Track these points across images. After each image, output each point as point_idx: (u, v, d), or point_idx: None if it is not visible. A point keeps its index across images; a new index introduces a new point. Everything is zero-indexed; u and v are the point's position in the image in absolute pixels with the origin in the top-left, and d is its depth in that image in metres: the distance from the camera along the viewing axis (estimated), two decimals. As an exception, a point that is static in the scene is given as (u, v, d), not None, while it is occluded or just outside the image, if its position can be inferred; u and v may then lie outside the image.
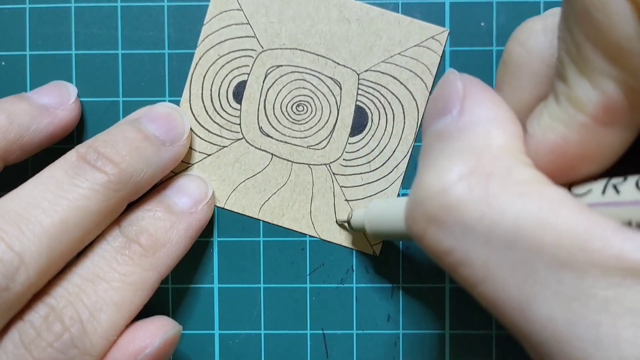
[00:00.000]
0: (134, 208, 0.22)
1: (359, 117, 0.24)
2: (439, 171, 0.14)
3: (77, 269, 0.20)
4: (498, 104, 0.15)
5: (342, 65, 0.24)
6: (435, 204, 0.14)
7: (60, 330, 0.19)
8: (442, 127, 0.15)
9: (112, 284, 0.20)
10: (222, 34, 0.24)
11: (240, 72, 0.24)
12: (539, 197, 0.13)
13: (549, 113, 0.14)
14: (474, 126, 0.14)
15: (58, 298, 0.19)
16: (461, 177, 0.13)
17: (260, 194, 0.24)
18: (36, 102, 0.22)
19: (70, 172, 0.20)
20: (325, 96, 0.24)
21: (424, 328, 0.24)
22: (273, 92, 0.24)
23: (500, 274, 0.13)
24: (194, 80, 0.24)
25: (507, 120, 0.14)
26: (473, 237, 0.13)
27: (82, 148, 0.20)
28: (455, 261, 0.14)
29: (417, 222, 0.14)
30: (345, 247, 0.24)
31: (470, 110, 0.14)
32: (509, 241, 0.13)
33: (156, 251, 0.21)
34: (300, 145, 0.24)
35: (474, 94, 0.15)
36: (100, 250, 0.21)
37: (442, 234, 0.14)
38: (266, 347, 0.24)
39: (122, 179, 0.20)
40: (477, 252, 0.13)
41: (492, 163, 0.13)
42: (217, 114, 0.24)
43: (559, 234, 0.12)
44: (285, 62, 0.24)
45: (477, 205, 0.13)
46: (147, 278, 0.21)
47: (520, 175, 0.13)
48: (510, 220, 0.13)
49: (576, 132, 0.14)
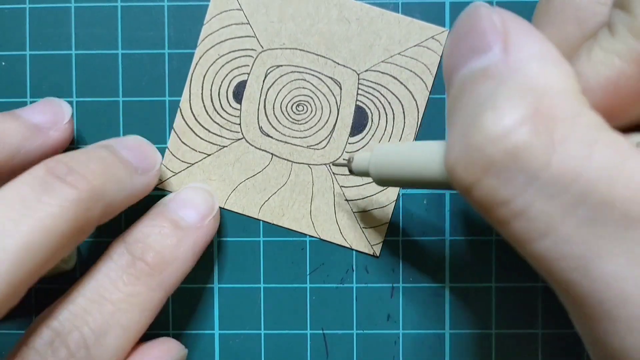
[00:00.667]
0: (138, 223, 0.21)
1: (359, 117, 0.24)
2: (497, 113, 0.12)
3: (82, 290, 0.19)
4: (544, 40, 0.13)
5: (342, 65, 0.24)
6: (496, 149, 0.12)
7: (66, 356, 0.18)
8: (484, 66, 0.13)
9: (118, 305, 0.19)
10: (222, 33, 0.24)
11: (240, 72, 0.24)
12: (608, 145, 0.12)
13: (602, 46, 0.13)
14: (527, 64, 0.13)
15: (63, 322, 0.19)
16: (524, 120, 0.12)
17: (260, 194, 0.24)
18: (28, 122, 0.21)
19: (38, 187, 0.18)
20: (325, 96, 0.24)
21: (423, 328, 0.24)
22: (273, 91, 0.24)
23: (565, 230, 0.12)
24: (194, 80, 0.24)
25: (559, 58, 0.13)
26: (537, 187, 0.12)
27: (51, 162, 0.19)
28: (511, 213, 0.12)
29: (470, 168, 0.13)
30: (345, 248, 0.24)
31: (518, 46, 0.13)
32: (576, 194, 0.12)
33: (163, 270, 0.20)
34: (300, 145, 0.24)
35: (515, 29, 0.13)
36: (105, 268, 0.20)
37: (501, 183, 0.12)
38: (266, 347, 0.24)
39: (93, 197, 0.18)
40: (540, 204, 0.12)
41: (555, 106, 0.12)
42: (217, 114, 0.24)
43: (631, 187, 0.11)
44: (285, 62, 0.24)
45: (544, 151, 0.12)
46: (154, 298, 0.20)
47: (586, 120, 0.12)
48: (578, 170, 0.12)
49: (634, 66, 0.13)
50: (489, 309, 0.24)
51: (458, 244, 0.24)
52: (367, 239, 0.24)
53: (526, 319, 0.24)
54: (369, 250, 0.24)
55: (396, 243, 0.24)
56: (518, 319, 0.24)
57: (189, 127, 0.24)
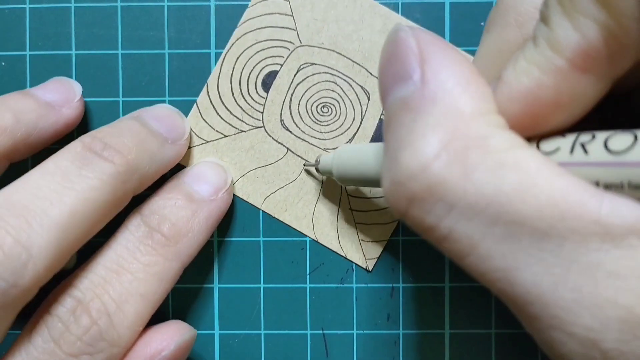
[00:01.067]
0: (153, 196, 0.22)
1: (381, 130, 0.24)
2: (414, 150, 0.14)
3: (101, 260, 0.20)
4: (459, 62, 0.14)
5: (374, 77, 0.24)
6: (415, 185, 0.13)
7: (88, 324, 0.19)
8: (405, 95, 0.14)
9: (136, 274, 0.20)
10: (264, 20, 0.24)
11: (273, 62, 0.24)
12: (516, 167, 0.13)
13: (526, 57, 0.14)
14: (441, 94, 0.14)
15: (84, 290, 0.19)
16: (438, 154, 0.13)
17: (267, 185, 0.24)
18: (42, 100, 0.21)
19: (77, 162, 0.19)
20: (352, 103, 0.24)
21: (423, 328, 0.24)
22: (302, 88, 0.24)
23: (485, 247, 0.13)
24: (227, 59, 0.24)
25: (473, 80, 0.14)
26: (456, 213, 0.13)
27: (87, 138, 0.20)
28: (439, 237, 0.14)
29: (399, 202, 0.14)
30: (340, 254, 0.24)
31: (433, 76, 0.14)
32: (491, 215, 0.13)
33: (178, 241, 0.21)
34: (317, 146, 0.24)
35: (433, 55, 0.14)
36: (123, 240, 0.21)
37: (424, 212, 0.14)
38: (266, 347, 0.24)
39: (128, 170, 0.20)
40: (461, 227, 0.13)
41: (466, 134, 0.13)
42: (242, 98, 0.24)
43: (538, 205, 0.12)
44: (319, 61, 0.24)
45: (458, 182, 0.13)
46: (170, 268, 0.21)
47: (496, 142, 0.13)
48: (491, 195, 0.13)
49: (551, 77, 0.14)
50: (489, 309, 0.24)
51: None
52: (363, 251, 0.24)
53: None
54: (362, 263, 0.24)
55: (396, 243, 0.24)
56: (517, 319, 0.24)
57: (212, 104, 0.24)
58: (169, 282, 0.21)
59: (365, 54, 0.24)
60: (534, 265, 0.13)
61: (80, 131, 0.24)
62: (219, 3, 0.24)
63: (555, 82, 0.14)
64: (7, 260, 0.17)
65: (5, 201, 0.18)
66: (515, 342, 0.24)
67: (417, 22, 0.24)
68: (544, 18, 0.14)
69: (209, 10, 0.24)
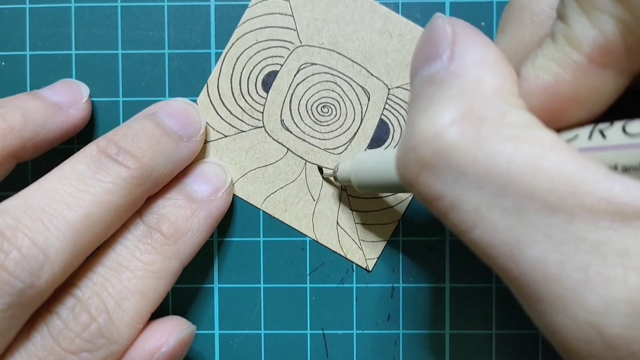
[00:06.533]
0: (154, 196, 0.22)
1: (381, 130, 0.24)
2: (431, 116, 0.14)
3: (101, 259, 0.20)
4: (488, 46, 0.14)
5: (375, 77, 0.24)
6: (427, 149, 0.13)
7: (88, 321, 0.19)
8: (432, 72, 0.14)
9: (136, 272, 0.20)
10: (264, 20, 0.24)
11: (273, 62, 0.24)
12: (530, 141, 0.13)
13: (544, 53, 0.14)
14: (465, 70, 0.14)
15: (83, 289, 0.20)
16: (454, 121, 0.13)
17: (267, 185, 0.24)
18: (50, 101, 0.22)
19: (93, 166, 0.19)
20: (352, 103, 0.24)
21: (423, 328, 0.24)
22: (302, 88, 0.24)
23: (492, 219, 0.13)
24: (227, 59, 0.24)
25: (498, 63, 0.14)
26: (465, 182, 0.13)
27: (102, 142, 0.20)
28: (446, 206, 0.14)
29: (409, 168, 0.14)
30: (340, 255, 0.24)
31: (461, 54, 0.14)
32: (500, 186, 0.13)
33: (177, 239, 0.21)
34: (317, 146, 0.24)
35: (463, 38, 0.14)
36: (123, 239, 0.21)
37: (434, 179, 0.14)
38: (266, 347, 0.24)
39: (143, 174, 0.20)
40: (469, 197, 0.13)
41: (485, 107, 0.13)
42: (243, 98, 0.24)
43: (550, 178, 0.12)
44: (320, 61, 0.24)
45: (470, 149, 0.13)
46: (170, 266, 0.21)
47: (513, 119, 0.13)
48: (502, 165, 0.13)
49: (570, 72, 0.14)
50: (489, 309, 0.24)
51: (458, 244, 0.24)
52: (363, 252, 0.24)
53: (526, 319, 0.24)
54: (362, 263, 0.24)
55: (396, 243, 0.24)
56: (518, 320, 0.24)
57: (212, 104, 0.24)
58: (169, 281, 0.21)
59: (366, 54, 0.24)
60: (541, 241, 0.12)
61: (81, 132, 0.24)
62: (219, 3, 0.24)
63: (574, 77, 0.14)
64: (24, 261, 0.17)
65: (23, 204, 0.18)
66: (515, 343, 0.24)
67: (417, 22, 0.24)
68: (561, 15, 0.14)
69: (209, 10, 0.24)
